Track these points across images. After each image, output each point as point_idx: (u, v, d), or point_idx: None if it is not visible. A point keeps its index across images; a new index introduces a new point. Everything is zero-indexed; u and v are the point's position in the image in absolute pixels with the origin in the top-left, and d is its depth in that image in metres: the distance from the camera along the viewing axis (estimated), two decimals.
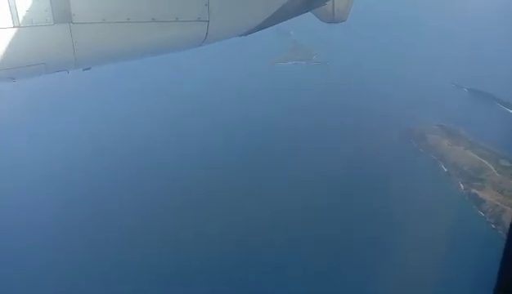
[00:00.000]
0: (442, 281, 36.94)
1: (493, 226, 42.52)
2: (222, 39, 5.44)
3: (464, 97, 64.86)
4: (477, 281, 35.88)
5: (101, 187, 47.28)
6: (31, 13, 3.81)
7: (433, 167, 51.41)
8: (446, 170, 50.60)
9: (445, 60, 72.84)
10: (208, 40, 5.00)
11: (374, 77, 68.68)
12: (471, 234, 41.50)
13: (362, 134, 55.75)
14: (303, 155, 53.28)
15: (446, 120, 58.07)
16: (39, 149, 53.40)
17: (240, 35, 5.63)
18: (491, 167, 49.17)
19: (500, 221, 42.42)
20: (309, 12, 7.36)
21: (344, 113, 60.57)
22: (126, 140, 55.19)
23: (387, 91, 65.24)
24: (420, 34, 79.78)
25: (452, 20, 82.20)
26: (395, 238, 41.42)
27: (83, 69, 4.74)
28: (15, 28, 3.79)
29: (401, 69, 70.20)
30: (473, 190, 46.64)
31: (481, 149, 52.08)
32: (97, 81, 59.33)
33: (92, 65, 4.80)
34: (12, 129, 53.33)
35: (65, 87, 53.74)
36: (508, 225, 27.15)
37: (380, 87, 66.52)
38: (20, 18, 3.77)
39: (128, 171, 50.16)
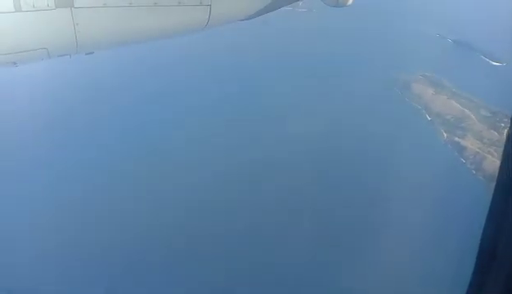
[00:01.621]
0: (428, 224, 38.70)
1: (474, 172, 44.28)
2: (223, 24, 5.45)
3: (449, 48, 65.30)
4: (459, 226, 38.19)
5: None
6: None
7: (418, 115, 52.45)
8: (429, 118, 51.71)
9: (430, 11, 72.62)
10: (210, 25, 5.01)
11: (359, 26, 67.98)
12: (454, 179, 43.19)
13: (346, 80, 56.17)
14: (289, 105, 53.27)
15: (431, 70, 58.77)
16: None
17: (242, 20, 5.62)
18: (473, 117, 50.58)
19: (481, 168, 44.21)
20: None
21: (328, 62, 60.37)
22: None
23: (371, 39, 65.22)
24: None
25: None
26: (382, 184, 42.78)
27: (86, 54, 4.70)
28: (17, 13, 3.75)
29: (386, 19, 69.76)
30: (456, 138, 48.13)
31: (463, 99, 53.31)
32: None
33: (94, 50, 4.72)
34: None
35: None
36: (488, 172, 28.49)
37: (365, 35, 66.25)
38: (22, 3, 3.71)
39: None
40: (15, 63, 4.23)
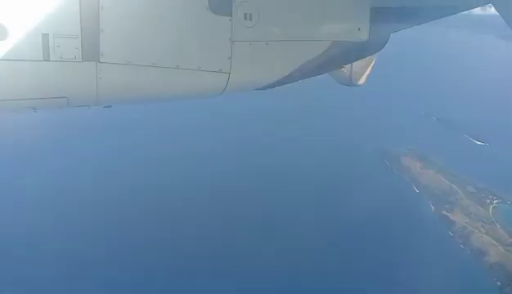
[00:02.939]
0: None
1: (462, 246, 44.77)
2: (240, 92, 5.63)
3: (434, 125, 68.22)
4: None
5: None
6: (62, 49, 4.06)
7: (406, 187, 53.69)
8: (417, 191, 52.94)
9: (416, 90, 76.66)
10: (227, 91, 5.20)
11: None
12: (441, 253, 43.51)
13: (339, 152, 57.95)
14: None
15: (418, 145, 60.94)
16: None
17: (259, 89, 5.81)
18: (460, 192, 51.96)
19: (468, 242, 44.82)
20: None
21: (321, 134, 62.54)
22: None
23: (362, 115, 67.93)
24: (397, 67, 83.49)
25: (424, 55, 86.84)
26: (368, 252, 43.01)
27: (104, 107, 4.93)
28: (45, 62, 4.03)
29: (374, 96, 73.03)
30: (444, 212, 49.07)
31: (450, 175, 54.93)
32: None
33: (113, 104, 4.97)
34: None
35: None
36: (475, 246, 29.27)
37: (356, 111, 68.92)
38: (51, 53, 4.02)
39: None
40: (34, 108, 4.42)
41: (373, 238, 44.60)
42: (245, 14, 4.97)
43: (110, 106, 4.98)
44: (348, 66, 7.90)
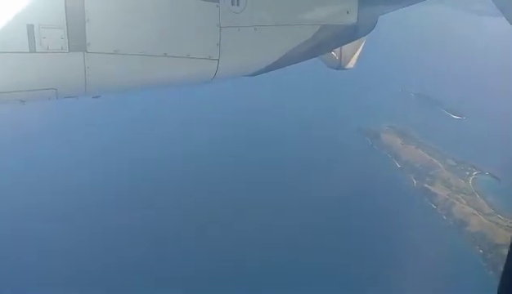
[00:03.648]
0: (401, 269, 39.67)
1: (444, 217, 46.11)
2: (230, 78, 5.70)
3: (412, 102, 69.23)
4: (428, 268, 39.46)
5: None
6: (48, 40, 3.99)
7: (388, 163, 54.67)
8: (399, 166, 53.97)
9: (393, 67, 77.35)
10: (217, 78, 5.19)
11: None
12: (426, 225, 44.75)
13: (321, 132, 58.40)
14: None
15: (397, 122, 61.88)
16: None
17: (249, 75, 5.81)
18: (440, 165, 53.22)
19: (451, 213, 46.16)
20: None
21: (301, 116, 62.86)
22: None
23: (339, 94, 68.28)
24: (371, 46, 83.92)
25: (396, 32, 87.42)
26: (355, 226, 43.98)
27: (93, 97, 4.92)
28: (31, 54, 3.97)
29: (351, 76, 73.42)
30: (425, 185, 50.28)
31: (429, 149, 56.16)
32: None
33: (102, 94, 4.94)
34: None
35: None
36: (457, 217, 30.08)
37: (333, 91, 69.18)
38: (37, 44, 3.95)
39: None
40: (22, 101, 4.35)
41: (359, 213, 45.52)
42: None
43: (98, 96, 4.95)
44: (338, 50, 7.89)
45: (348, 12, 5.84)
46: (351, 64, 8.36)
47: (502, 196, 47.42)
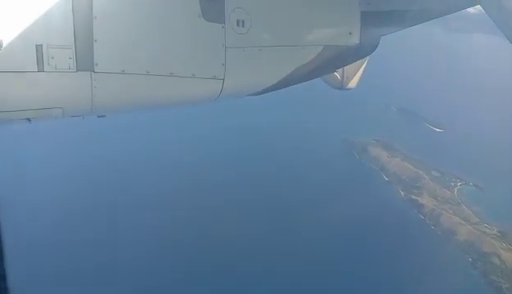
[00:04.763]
0: (393, 279, 40.78)
1: (433, 227, 47.59)
2: (235, 97, 5.76)
3: (394, 115, 71.32)
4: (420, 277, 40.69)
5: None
6: (56, 59, 4.08)
7: (376, 176, 56.11)
8: (387, 179, 55.48)
9: (374, 82, 79.38)
10: (222, 97, 5.25)
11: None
12: (415, 235, 46.12)
13: (309, 146, 59.52)
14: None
15: (382, 135, 63.60)
16: None
17: (253, 95, 5.86)
18: (426, 177, 54.98)
19: (439, 223, 47.69)
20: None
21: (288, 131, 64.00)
22: None
23: (325, 108, 69.65)
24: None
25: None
26: (345, 240, 44.83)
27: (98, 116, 4.96)
28: (39, 73, 4.04)
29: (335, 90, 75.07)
30: (413, 196, 51.83)
31: (414, 161, 57.98)
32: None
33: (108, 113, 4.98)
34: None
35: None
36: (445, 226, 31.65)
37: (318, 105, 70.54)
38: (46, 64, 4.04)
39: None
40: (29, 119, 4.38)
41: (350, 225, 46.31)
42: (238, 20, 5.02)
43: (103, 116, 5.01)
44: (340, 70, 8.08)
45: (350, 33, 5.93)
46: (353, 84, 8.44)
47: (486, 205, 49.39)
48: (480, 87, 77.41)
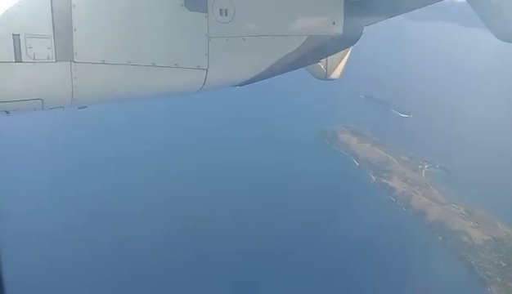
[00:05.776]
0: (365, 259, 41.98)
1: (404, 209, 49.02)
2: (218, 88, 5.62)
3: (362, 102, 72.77)
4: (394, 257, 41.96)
5: None
6: (34, 49, 3.95)
7: (347, 161, 57.23)
8: (358, 164, 56.69)
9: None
10: (206, 88, 5.17)
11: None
12: (387, 217, 47.30)
13: (282, 136, 60.09)
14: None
15: (351, 122, 64.84)
16: None
17: (237, 85, 5.82)
18: (395, 161, 56.52)
19: (409, 205, 49.18)
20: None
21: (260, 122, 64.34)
22: None
23: (294, 98, 70.45)
24: None
25: None
26: (318, 224, 45.60)
27: (79, 108, 4.84)
28: (17, 64, 3.91)
29: (303, 77, 75.78)
30: (383, 180, 53.20)
31: (383, 146, 59.55)
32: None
33: (89, 104, 4.85)
34: None
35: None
36: (416, 208, 32.88)
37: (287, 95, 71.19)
38: (23, 54, 3.91)
39: None
40: (7, 111, 4.23)
41: (324, 208, 47.33)
42: (221, 10, 4.95)
43: (84, 107, 4.87)
44: (324, 60, 7.96)
45: (334, 23, 5.89)
46: (336, 74, 8.37)
47: (453, 186, 51.29)
48: (445, 74, 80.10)
